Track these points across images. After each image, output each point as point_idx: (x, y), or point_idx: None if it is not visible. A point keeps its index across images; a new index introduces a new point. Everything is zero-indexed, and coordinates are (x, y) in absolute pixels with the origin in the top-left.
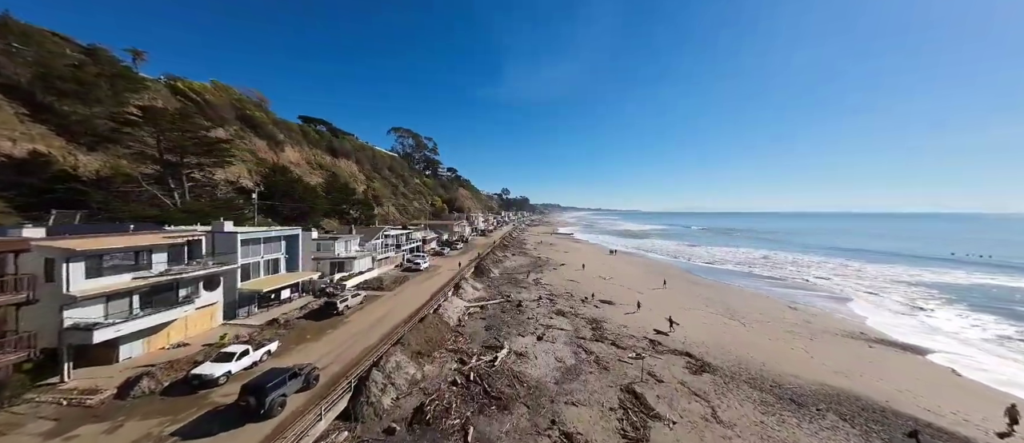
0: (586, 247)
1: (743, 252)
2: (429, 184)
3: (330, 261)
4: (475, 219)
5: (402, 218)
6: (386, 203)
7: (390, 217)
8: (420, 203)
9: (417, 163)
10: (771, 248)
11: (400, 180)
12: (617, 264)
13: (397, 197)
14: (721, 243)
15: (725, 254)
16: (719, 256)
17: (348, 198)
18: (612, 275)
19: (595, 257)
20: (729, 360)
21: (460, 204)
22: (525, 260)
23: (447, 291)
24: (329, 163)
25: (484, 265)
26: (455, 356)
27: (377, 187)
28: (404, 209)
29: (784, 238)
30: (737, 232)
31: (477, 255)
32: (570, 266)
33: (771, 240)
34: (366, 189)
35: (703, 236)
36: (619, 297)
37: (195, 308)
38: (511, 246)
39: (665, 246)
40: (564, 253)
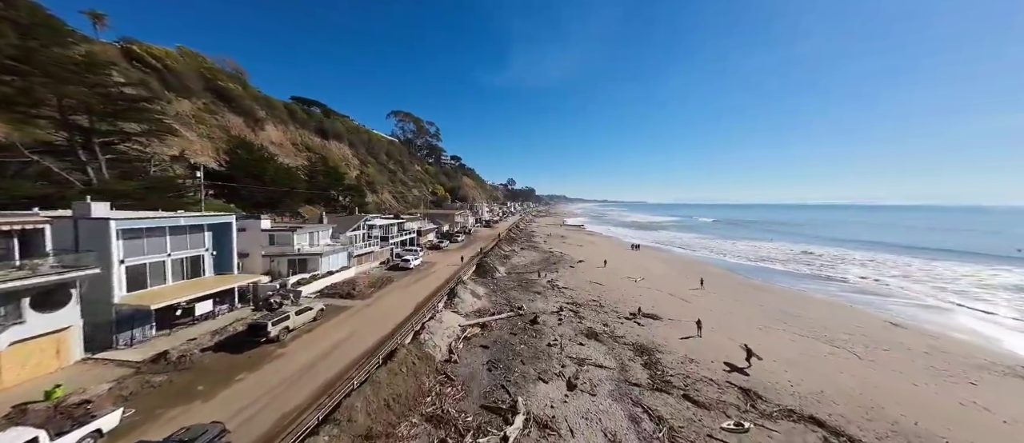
0: (601, 240)
1: (776, 246)
2: (431, 171)
3: (289, 258)
4: (479, 209)
5: (399, 206)
6: (381, 190)
7: (385, 205)
8: (420, 191)
9: (420, 150)
10: (802, 241)
11: (398, 166)
12: (643, 261)
13: (395, 184)
14: (745, 236)
15: (758, 249)
16: (752, 251)
17: (336, 183)
18: (643, 275)
19: (615, 252)
20: (879, 426)
21: (464, 193)
22: (536, 256)
23: (437, 301)
24: (317, 145)
25: (488, 262)
26: (437, 433)
27: (371, 173)
28: (402, 197)
29: (809, 231)
30: (754, 224)
31: (480, 250)
32: (589, 263)
33: (797, 233)
34: (359, 174)
35: (721, 228)
36: (665, 308)
37: (9, 344)
38: (519, 239)
39: (687, 239)
40: (578, 247)
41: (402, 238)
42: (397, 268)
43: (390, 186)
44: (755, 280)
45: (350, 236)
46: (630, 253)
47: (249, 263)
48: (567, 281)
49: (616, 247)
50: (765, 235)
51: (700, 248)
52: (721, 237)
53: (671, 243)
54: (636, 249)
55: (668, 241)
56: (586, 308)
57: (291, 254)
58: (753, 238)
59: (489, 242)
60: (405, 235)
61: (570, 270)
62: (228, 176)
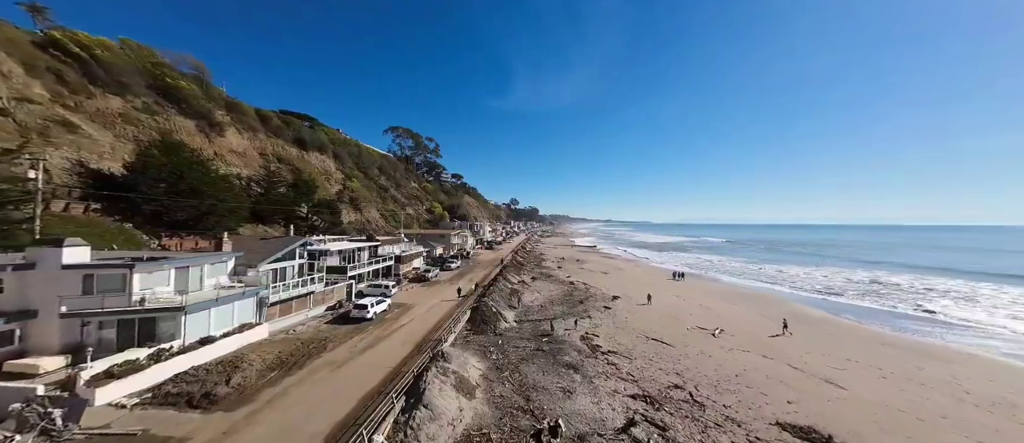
0: (627, 265)
1: (828, 272)
2: (429, 189)
3: (122, 317)
4: (481, 229)
5: (387, 226)
6: (367, 207)
7: (371, 225)
8: (415, 209)
9: (419, 167)
10: (850, 265)
11: (392, 183)
12: (696, 295)
13: (385, 201)
14: (782, 259)
15: (809, 275)
16: (806, 278)
17: (304, 198)
18: (717, 322)
19: (653, 282)
20: None
21: (463, 212)
22: (553, 289)
23: (382, 422)
24: (293, 156)
25: (489, 307)
26: None
27: (356, 188)
28: (393, 215)
29: (845, 253)
30: (777, 245)
31: (480, 282)
32: (628, 300)
33: (835, 256)
34: (341, 190)
35: (744, 250)
36: (811, 401)
37: None
38: (528, 264)
39: (724, 263)
40: (603, 275)
41: (373, 267)
42: (348, 319)
43: (379, 203)
44: (854, 321)
45: (270, 271)
46: (672, 284)
47: (36, 329)
48: (611, 334)
49: (649, 274)
50: (803, 258)
51: (745, 275)
52: (755, 260)
53: (708, 268)
54: (679, 278)
55: (701, 265)
56: (673, 409)
57: (125, 309)
58: (793, 262)
59: (491, 269)
60: (377, 263)
61: (607, 313)
62: (133, 184)
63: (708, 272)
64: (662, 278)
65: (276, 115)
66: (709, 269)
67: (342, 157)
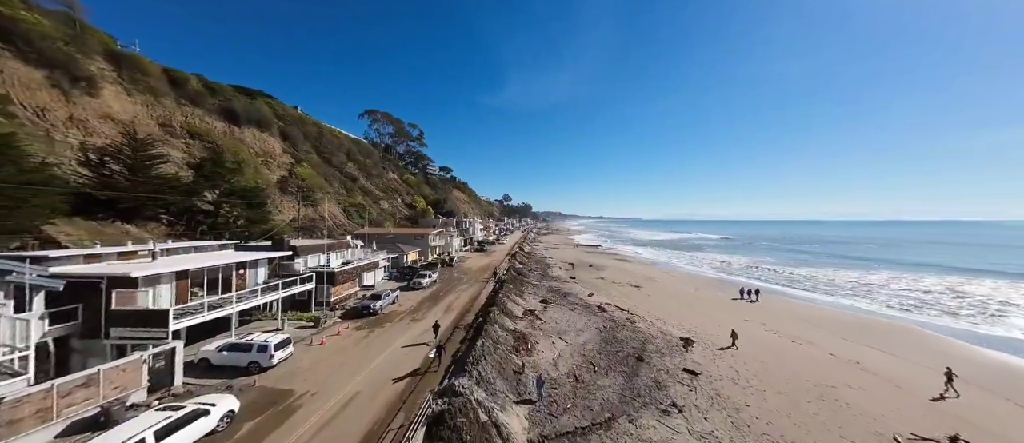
0: (654, 271)
1: (885, 278)
2: (412, 181)
3: None
4: (470, 227)
5: (346, 222)
6: (324, 199)
7: (321, 222)
8: (391, 203)
9: (403, 158)
10: (898, 269)
11: (362, 171)
12: (786, 325)
13: (351, 193)
14: (822, 261)
15: (882, 284)
16: (885, 290)
17: (207, 184)
18: (860, 379)
19: (710, 301)
20: None
21: (451, 207)
22: (582, 325)
23: None
24: (217, 131)
25: (469, 410)
26: None
27: (306, 174)
28: (362, 210)
29: (883, 254)
30: (795, 243)
31: (459, 318)
32: (704, 341)
33: (874, 257)
34: (285, 177)
35: (768, 250)
36: None
37: None
38: (531, 272)
39: (760, 267)
40: (635, 289)
41: (271, 296)
42: None
43: (342, 194)
44: None
45: None
46: (744, 307)
47: None
48: None
49: (692, 285)
50: (838, 260)
51: (805, 285)
52: (787, 262)
53: (745, 272)
54: (752, 298)
55: (732, 268)
56: None
57: None
58: (832, 263)
59: (481, 286)
60: (285, 286)
61: (695, 387)
62: None
63: (761, 282)
64: (713, 292)
65: (197, 79)
66: (749, 274)
67: (294, 138)
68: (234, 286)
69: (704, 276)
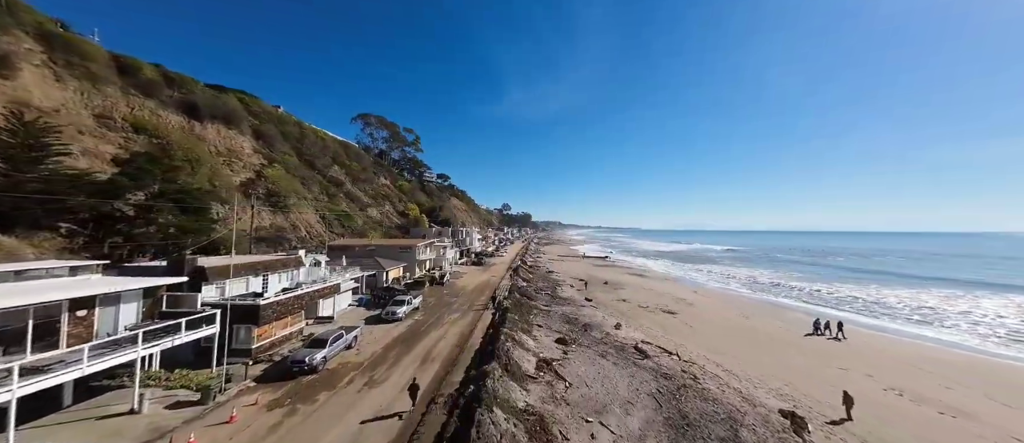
0: (685, 291)
1: (938, 296)
2: (405, 188)
3: None
4: (467, 237)
5: (325, 233)
6: (298, 204)
7: (294, 231)
8: (381, 210)
9: (398, 165)
10: (948, 286)
11: (349, 176)
12: (910, 377)
13: (333, 199)
14: (862, 278)
15: (919, 303)
16: (953, 312)
17: (130, 184)
18: None
19: (773, 335)
20: None
21: (447, 215)
22: (625, 392)
23: None
24: (173, 126)
25: None
26: None
27: (276, 176)
28: (345, 218)
29: (920, 268)
30: (818, 256)
31: (434, 386)
32: (808, 413)
33: (906, 273)
34: (252, 179)
35: (789, 263)
36: None
37: None
38: (537, 292)
39: (789, 283)
40: (670, 316)
41: (128, 354)
42: None
43: (324, 200)
44: None
45: None
46: (831, 347)
47: None
48: None
49: (739, 310)
50: (873, 276)
51: (872, 311)
52: (820, 278)
53: (783, 292)
54: (835, 336)
55: (756, 283)
56: None
57: None
58: (874, 280)
59: (476, 315)
60: (102, 355)
61: None
62: None
63: (809, 304)
64: (769, 321)
65: (153, 68)
66: (778, 292)
67: (270, 137)
68: (64, 337)
69: (742, 297)
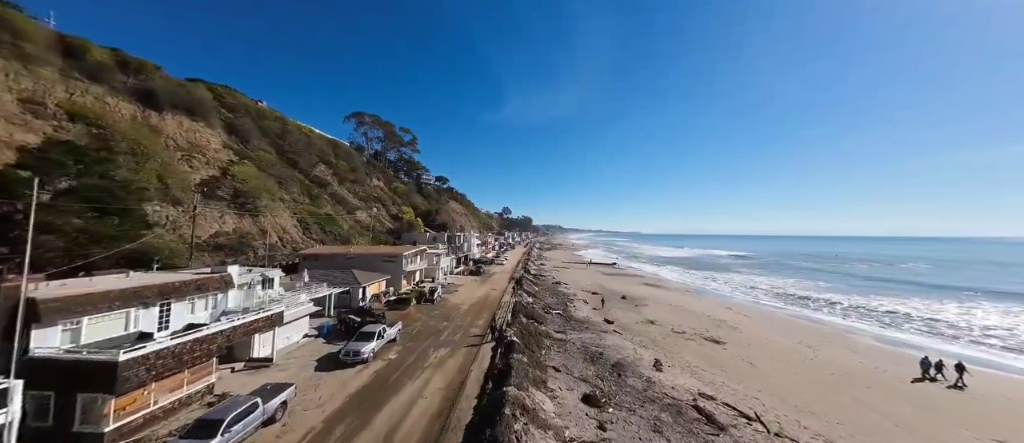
0: (717, 308)
1: (994, 311)
2: (400, 190)
3: None
4: (465, 242)
5: (302, 238)
6: (271, 206)
7: (261, 238)
8: (370, 212)
9: (395, 166)
10: (1013, 302)
11: (336, 177)
12: None
13: (317, 201)
14: (887, 290)
15: (988, 320)
16: None
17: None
18: None
19: (873, 382)
20: None
21: (444, 219)
22: None
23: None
24: (123, 114)
25: None
26: None
27: (245, 174)
28: (326, 223)
29: (945, 278)
30: (830, 262)
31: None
32: None
33: (940, 284)
34: (215, 178)
35: (811, 272)
36: None
37: None
38: (549, 315)
39: (828, 296)
40: (719, 349)
41: None
42: None
43: (305, 202)
44: None
45: None
46: (954, 400)
47: None
48: None
49: (798, 337)
50: (906, 286)
51: (932, 332)
52: (857, 289)
53: (822, 308)
54: (957, 383)
55: (794, 296)
56: None
57: None
58: (906, 293)
59: (468, 356)
60: None
61: None
62: None
63: (865, 324)
64: (840, 351)
65: (105, 51)
66: (804, 303)
67: (244, 132)
68: None
69: (785, 316)
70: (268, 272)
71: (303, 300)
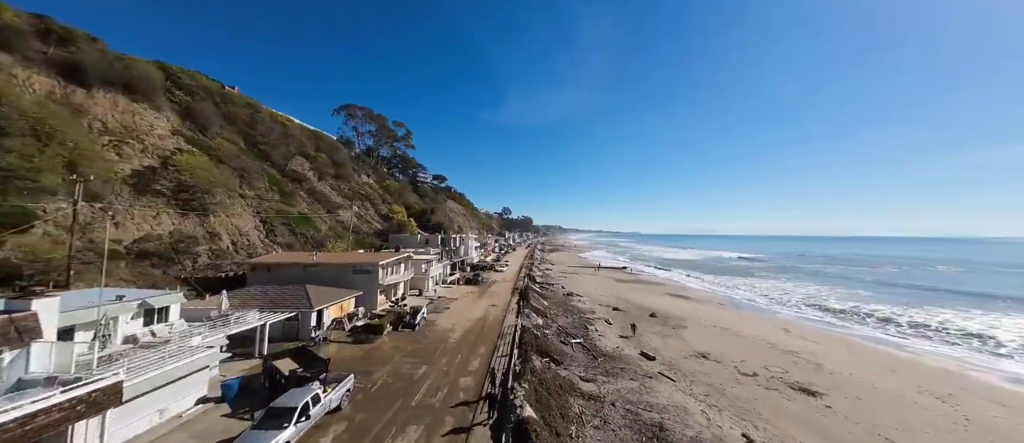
0: (775, 330)
1: None
2: (392, 188)
3: None
4: (462, 245)
5: (264, 243)
6: (224, 203)
7: (200, 239)
8: (357, 213)
9: (389, 163)
10: None
11: (316, 171)
12: None
13: (288, 197)
14: (938, 300)
15: None
16: None
17: None
18: None
19: None
20: None
21: (440, 219)
22: None
23: None
24: (37, 89)
25: None
26: None
27: (190, 163)
28: (298, 223)
29: (985, 284)
30: (852, 265)
31: None
32: None
33: (984, 292)
34: (151, 169)
35: (840, 278)
36: None
37: None
38: (569, 349)
39: (882, 311)
40: (824, 409)
41: None
42: None
43: (274, 200)
44: None
45: None
46: None
47: None
48: None
49: (925, 388)
50: (950, 296)
51: None
52: (911, 301)
53: (882, 326)
54: None
55: (856, 310)
56: None
57: None
58: (956, 304)
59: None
60: None
61: None
62: None
63: (923, 341)
64: (986, 406)
65: (14, 13)
66: (861, 318)
67: (204, 118)
68: None
69: (864, 341)
70: (160, 298)
71: (211, 338)
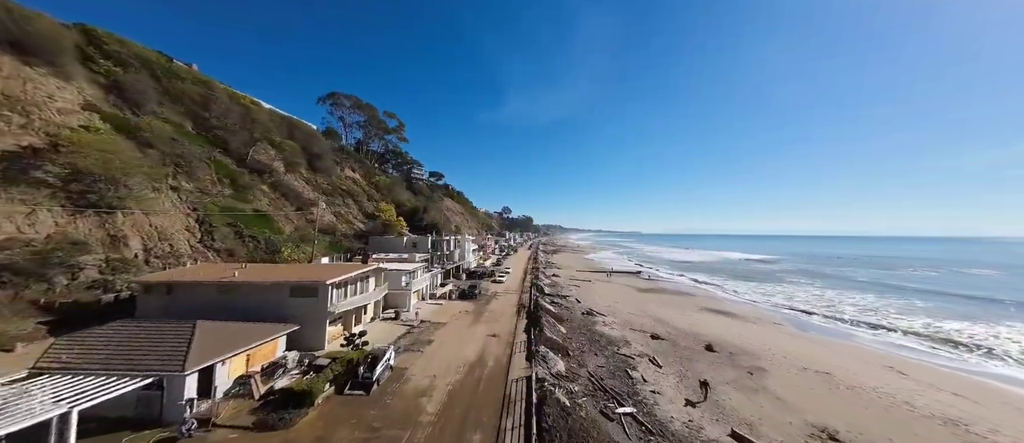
0: (880, 372)
1: None
2: (381, 183)
3: None
4: (457, 248)
5: (196, 250)
6: (147, 196)
7: (95, 245)
8: (341, 211)
9: (382, 158)
10: None
11: (287, 163)
12: None
13: (248, 194)
14: (975, 311)
15: None
16: None
17: None
18: None
19: None
20: None
21: (435, 219)
22: None
23: None
24: None
25: None
26: None
27: (87, 142)
28: (250, 223)
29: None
30: (860, 266)
31: None
32: None
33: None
34: (31, 148)
35: (871, 284)
36: None
37: None
38: (594, 400)
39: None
40: None
41: None
42: None
43: (218, 193)
44: None
45: None
46: None
47: None
48: None
49: None
50: (985, 304)
51: None
52: (933, 310)
53: None
54: None
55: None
56: None
57: None
58: (990, 314)
59: None
60: None
61: None
62: None
63: None
64: None
65: None
66: (995, 357)
67: (137, 93)
68: None
69: (988, 381)
70: None
71: None
